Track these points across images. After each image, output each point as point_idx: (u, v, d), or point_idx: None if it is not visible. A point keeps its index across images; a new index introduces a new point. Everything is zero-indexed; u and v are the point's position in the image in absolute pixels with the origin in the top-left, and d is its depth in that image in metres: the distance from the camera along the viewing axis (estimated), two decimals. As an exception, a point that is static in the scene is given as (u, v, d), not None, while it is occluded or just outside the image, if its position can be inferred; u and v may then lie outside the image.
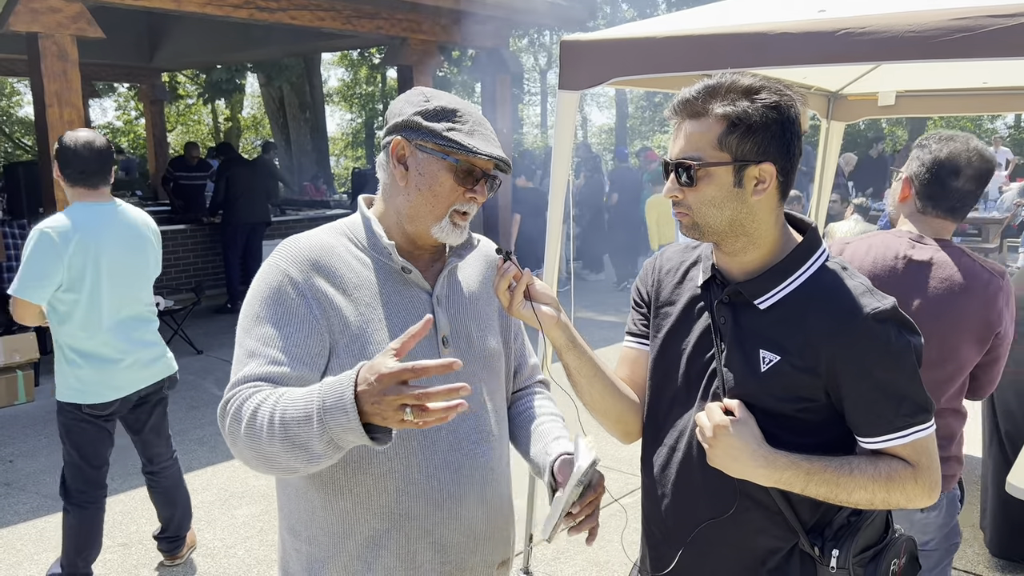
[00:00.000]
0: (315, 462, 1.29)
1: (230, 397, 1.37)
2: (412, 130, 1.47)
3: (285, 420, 1.27)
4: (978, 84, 4.61)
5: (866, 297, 1.35)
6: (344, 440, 1.24)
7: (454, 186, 1.47)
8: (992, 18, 2.19)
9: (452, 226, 1.49)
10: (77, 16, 6.34)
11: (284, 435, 1.27)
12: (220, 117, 26.10)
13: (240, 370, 1.41)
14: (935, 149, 2.12)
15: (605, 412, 1.57)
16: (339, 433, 1.22)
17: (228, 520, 4.11)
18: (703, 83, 1.37)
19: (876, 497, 1.35)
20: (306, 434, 1.25)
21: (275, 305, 1.43)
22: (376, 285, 1.49)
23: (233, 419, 1.35)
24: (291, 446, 1.27)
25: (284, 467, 1.31)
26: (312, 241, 1.50)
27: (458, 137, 1.44)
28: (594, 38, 2.95)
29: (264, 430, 1.29)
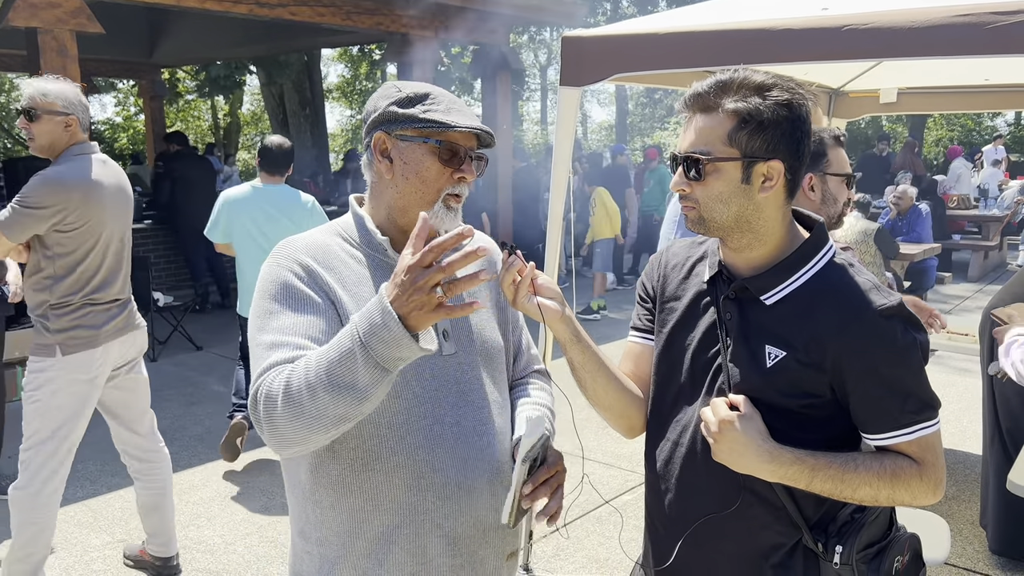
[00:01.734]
0: (364, 398, 1.23)
1: (258, 385, 1.32)
2: (390, 122, 1.47)
3: (323, 367, 1.23)
4: (980, 81, 4.60)
5: (872, 294, 1.35)
6: (391, 358, 1.20)
7: (441, 168, 1.46)
8: (996, 15, 2.18)
9: (446, 210, 1.48)
10: (76, 11, 6.33)
11: (327, 382, 1.22)
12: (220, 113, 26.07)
13: (264, 363, 1.34)
14: None
15: (609, 407, 1.57)
16: (384, 351, 1.19)
17: (228, 517, 4.11)
18: (715, 78, 1.36)
19: (881, 494, 1.35)
20: (350, 370, 1.21)
21: (287, 297, 1.41)
22: (374, 282, 1.48)
23: (267, 402, 1.29)
24: (335, 390, 1.22)
25: (334, 419, 1.25)
26: (308, 241, 1.50)
27: (435, 116, 1.44)
28: (596, 34, 2.94)
29: (304, 391, 1.24)
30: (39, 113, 2.94)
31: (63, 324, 3.01)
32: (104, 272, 3.08)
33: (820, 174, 2.25)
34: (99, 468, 4.71)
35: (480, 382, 1.55)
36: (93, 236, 3.02)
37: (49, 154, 3.03)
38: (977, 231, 12.08)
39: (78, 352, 3.04)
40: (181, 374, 6.65)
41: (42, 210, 2.88)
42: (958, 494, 4.23)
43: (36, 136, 2.97)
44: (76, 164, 2.99)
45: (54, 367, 3.03)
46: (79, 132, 3.04)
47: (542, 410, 1.64)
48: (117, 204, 3.09)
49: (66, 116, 2.98)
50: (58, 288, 2.99)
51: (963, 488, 4.31)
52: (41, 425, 3.03)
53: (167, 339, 7.35)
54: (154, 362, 6.99)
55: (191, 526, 4.00)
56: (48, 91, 2.96)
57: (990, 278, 11.04)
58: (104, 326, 3.10)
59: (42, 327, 3.03)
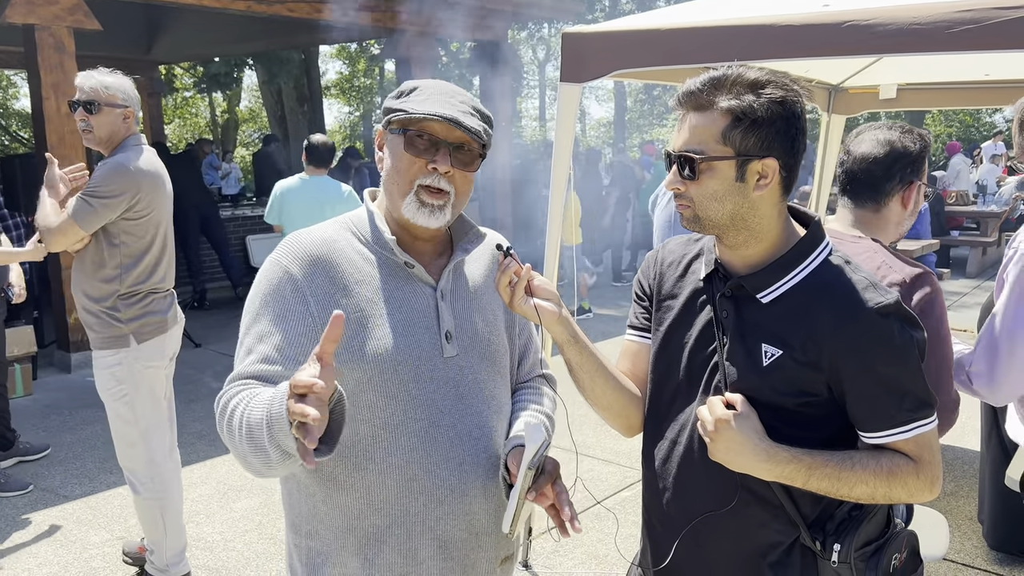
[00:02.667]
0: (271, 467, 1.29)
1: (221, 394, 1.41)
2: (385, 116, 1.49)
3: (249, 423, 1.29)
4: (980, 76, 4.59)
5: (869, 291, 1.34)
6: (289, 448, 1.23)
7: (411, 159, 1.43)
8: (998, 10, 2.18)
9: (419, 204, 1.44)
10: (74, 8, 6.31)
11: (249, 437, 1.29)
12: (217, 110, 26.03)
13: (237, 366, 1.44)
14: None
15: (607, 407, 1.57)
16: (284, 440, 1.22)
17: (226, 514, 4.10)
18: (708, 75, 1.36)
19: (877, 492, 1.35)
20: (260, 438, 1.27)
21: (272, 303, 1.44)
22: (379, 281, 1.48)
23: (220, 415, 1.39)
24: (253, 447, 1.29)
25: (253, 468, 1.32)
26: (315, 236, 1.49)
27: (405, 104, 1.43)
28: (596, 30, 2.93)
29: (236, 430, 1.32)
30: (101, 105, 3.00)
31: (135, 312, 3.09)
32: (165, 261, 3.20)
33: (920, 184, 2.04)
34: (97, 466, 4.71)
35: (480, 385, 1.54)
36: (156, 224, 3.12)
37: (107, 146, 3.09)
38: (975, 227, 12.08)
39: (152, 339, 3.13)
40: (180, 371, 6.60)
41: (115, 198, 2.95)
42: (956, 490, 4.24)
43: (96, 128, 3.03)
44: (140, 153, 3.07)
45: (130, 357, 3.10)
46: (134, 124, 3.13)
47: (540, 417, 1.63)
48: (169, 195, 3.20)
49: (125, 108, 3.06)
50: (128, 277, 3.06)
51: (961, 484, 4.31)
52: (139, 414, 3.14)
53: (165, 336, 7.33)
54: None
55: (190, 523, 4.00)
56: (109, 84, 3.03)
57: (988, 274, 11.04)
58: (168, 312, 3.21)
59: (111, 319, 3.07)
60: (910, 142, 2.00)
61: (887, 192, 2.00)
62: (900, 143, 1.99)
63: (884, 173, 1.99)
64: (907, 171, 2.00)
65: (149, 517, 3.26)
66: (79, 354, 6.64)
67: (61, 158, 6.39)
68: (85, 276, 3.07)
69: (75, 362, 6.60)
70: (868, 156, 2.00)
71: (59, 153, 6.37)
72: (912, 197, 2.03)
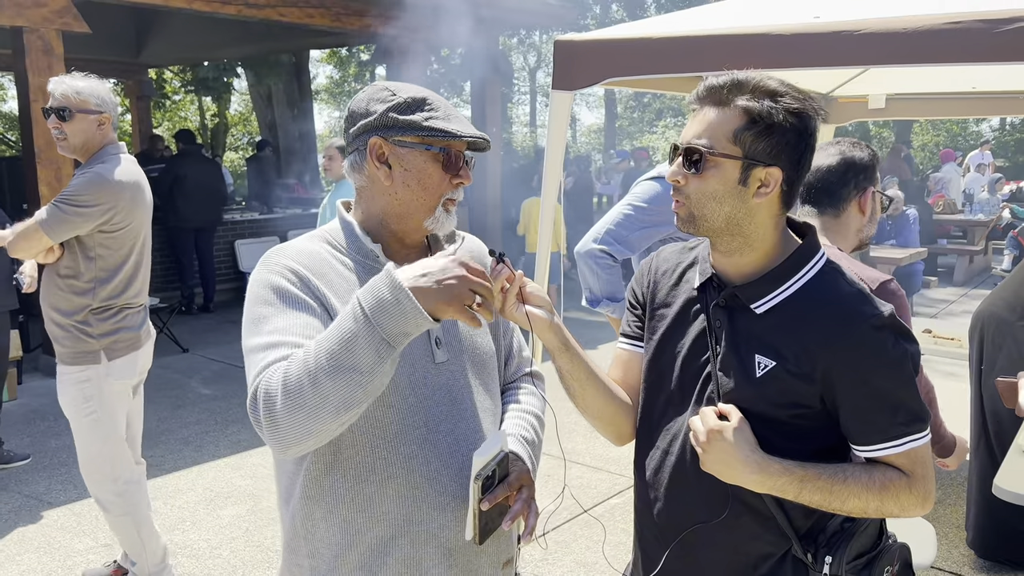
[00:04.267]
0: (369, 379, 1.21)
1: (256, 385, 1.27)
2: (388, 128, 1.43)
3: (323, 353, 1.21)
4: (967, 87, 4.64)
5: (863, 304, 1.34)
6: (398, 333, 1.21)
7: (442, 175, 1.45)
8: (984, 23, 2.20)
9: (446, 214, 1.49)
10: (63, 11, 6.27)
11: (328, 367, 1.20)
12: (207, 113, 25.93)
13: (259, 364, 1.30)
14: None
15: (598, 415, 1.56)
16: (392, 326, 1.20)
17: (213, 521, 4.07)
18: (731, 74, 1.35)
19: (869, 506, 1.34)
20: (352, 351, 1.20)
21: (280, 300, 1.38)
22: None
23: (266, 400, 1.24)
24: (338, 374, 1.20)
25: (337, 406, 1.22)
26: (297, 248, 1.48)
27: (439, 124, 1.43)
28: (588, 38, 2.94)
29: (304, 380, 1.21)
30: (73, 112, 2.87)
31: (107, 328, 2.97)
32: (141, 275, 3.08)
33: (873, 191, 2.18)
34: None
35: (471, 389, 1.54)
36: (134, 237, 3.00)
37: (82, 154, 2.96)
38: (962, 236, 12.17)
39: (123, 355, 3.02)
40: (167, 376, 6.60)
41: (91, 208, 2.83)
42: (944, 498, 4.25)
43: (69, 136, 2.89)
44: (120, 163, 2.95)
45: (100, 373, 2.99)
46: (111, 131, 3.00)
47: (523, 419, 1.62)
48: (149, 205, 3.08)
49: (100, 115, 2.93)
50: (101, 291, 2.95)
51: (949, 492, 4.33)
52: (104, 433, 3.03)
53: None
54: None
55: (176, 530, 3.96)
56: (81, 89, 2.90)
57: (975, 282, 11.12)
58: (141, 327, 3.11)
59: (82, 333, 2.95)
60: (859, 152, 2.17)
61: (844, 198, 2.16)
62: (850, 153, 2.16)
63: (839, 180, 2.15)
64: (860, 178, 2.17)
65: (124, 532, 3.19)
66: (65, 359, 6.57)
67: (48, 162, 6.36)
68: (56, 289, 2.95)
69: (61, 367, 6.54)
70: (822, 167, 2.15)
71: (47, 157, 6.33)
72: (868, 203, 2.19)
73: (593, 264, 2.90)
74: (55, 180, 6.42)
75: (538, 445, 1.63)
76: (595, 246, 2.89)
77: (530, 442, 1.59)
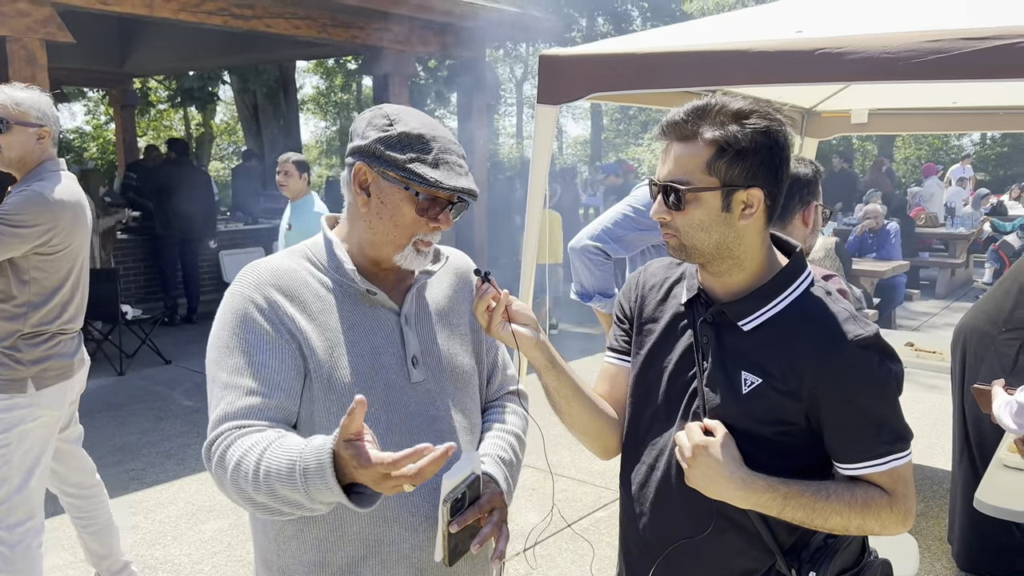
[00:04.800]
0: (307, 511, 1.27)
1: (213, 440, 1.34)
2: (375, 157, 1.42)
3: (270, 478, 1.25)
4: (948, 103, 4.69)
5: (849, 323, 1.35)
6: (330, 502, 1.22)
7: (416, 217, 1.43)
8: (964, 41, 2.22)
9: (415, 253, 1.46)
10: (46, 20, 6.24)
11: (270, 492, 1.25)
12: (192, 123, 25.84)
13: (217, 406, 1.37)
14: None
15: (585, 430, 1.56)
16: (325, 497, 1.21)
17: (195, 535, 4.03)
18: (692, 105, 1.35)
19: (851, 523, 1.35)
20: (293, 494, 1.23)
21: (243, 332, 1.39)
22: (341, 309, 1.46)
23: (218, 465, 1.33)
24: (280, 502, 1.26)
25: (279, 514, 1.29)
26: (273, 265, 1.47)
27: (421, 170, 1.39)
28: (573, 53, 2.95)
29: (250, 483, 1.27)
30: (10, 124, 2.72)
31: (38, 355, 2.78)
32: (77, 299, 2.90)
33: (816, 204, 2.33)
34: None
35: (449, 409, 1.53)
36: (72, 259, 2.82)
37: (19, 169, 2.79)
38: (944, 249, 12.29)
39: (53, 384, 2.82)
40: (149, 388, 6.55)
41: (28, 229, 2.65)
42: (926, 510, 4.27)
43: (5, 148, 2.72)
44: (60, 181, 2.78)
45: (24, 404, 2.77)
46: (51, 146, 2.84)
47: (502, 439, 1.61)
48: (88, 226, 2.90)
49: (39, 128, 2.77)
50: (34, 316, 2.76)
51: (931, 504, 4.35)
52: (11, 472, 2.78)
53: (135, 352, 7.23)
54: (121, 376, 6.87)
55: (157, 544, 3.92)
56: (21, 100, 2.75)
57: (956, 295, 11.22)
58: (75, 355, 2.92)
59: (9, 360, 2.74)
60: (803, 168, 2.30)
61: (790, 211, 2.30)
62: (794, 169, 2.24)
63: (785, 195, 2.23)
64: (804, 192, 2.31)
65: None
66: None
67: (31, 171, 6.31)
68: None
69: (41, 378, 6.47)
70: None
71: (29, 166, 6.28)
72: (811, 216, 2.35)
73: (587, 260, 3.00)
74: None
75: (516, 465, 1.61)
76: (590, 243, 3.00)
77: (507, 463, 1.57)
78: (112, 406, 6.07)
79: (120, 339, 6.95)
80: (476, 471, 1.41)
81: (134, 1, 6.77)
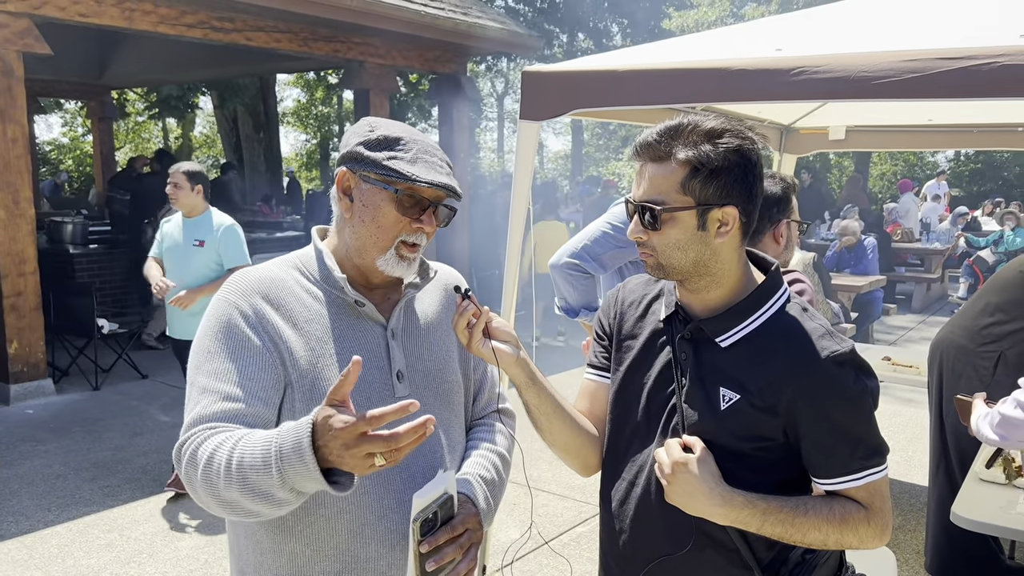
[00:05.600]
0: (279, 507, 1.25)
1: (185, 440, 1.33)
2: (356, 161, 1.44)
3: (243, 468, 1.23)
4: (924, 120, 4.76)
5: (825, 340, 1.36)
6: (306, 487, 1.21)
7: (398, 217, 1.43)
8: (939, 60, 2.26)
9: (398, 259, 1.45)
10: (24, 32, 6.19)
11: (242, 483, 1.23)
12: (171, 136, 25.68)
13: (193, 409, 1.36)
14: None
15: (565, 447, 1.56)
16: (299, 481, 1.19)
17: (171, 552, 3.97)
18: (665, 125, 1.37)
19: (830, 538, 1.36)
20: (266, 482, 1.21)
21: (226, 339, 1.39)
22: (328, 319, 1.45)
23: (189, 464, 1.31)
24: (251, 494, 1.23)
25: (246, 512, 1.27)
26: (261, 274, 1.47)
27: (398, 165, 1.41)
28: (555, 69, 2.97)
29: (221, 477, 1.25)
30: None
31: None
32: None
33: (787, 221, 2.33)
34: (34, 503, 4.53)
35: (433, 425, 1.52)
36: None
37: None
38: (920, 264, 12.45)
39: None
40: (125, 403, 6.46)
41: None
42: (904, 524, 4.30)
43: None
44: None
45: None
46: None
47: (485, 458, 1.59)
48: None
49: None
50: None
51: (908, 517, 4.38)
52: None
53: (111, 367, 7.13)
54: (97, 391, 6.78)
55: (132, 563, 3.86)
56: None
57: (932, 309, 11.36)
58: None
59: None
60: (772, 186, 2.30)
61: (759, 231, 2.31)
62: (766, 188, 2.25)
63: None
64: (773, 211, 2.31)
65: None
66: (18, 386, 6.41)
67: (6, 185, 6.23)
68: None
69: (14, 394, 6.37)
70: None
71: (4, 180, 6.21)
72: (783, 233, 2.35)
73: (569, 276, 3.03)
74: (12, 203, 6.29)
75: (498, 485, 1.59)
76: (570, 260, 3.02)
77: (489, 482, 1.55)
78: (88, 421, 5.98)
79: (96, 353, 6.86)
80: (450, 491, 1.40)
81: (113, 13, 6.73)
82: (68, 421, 5.96)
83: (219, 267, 4.54)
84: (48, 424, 5.92)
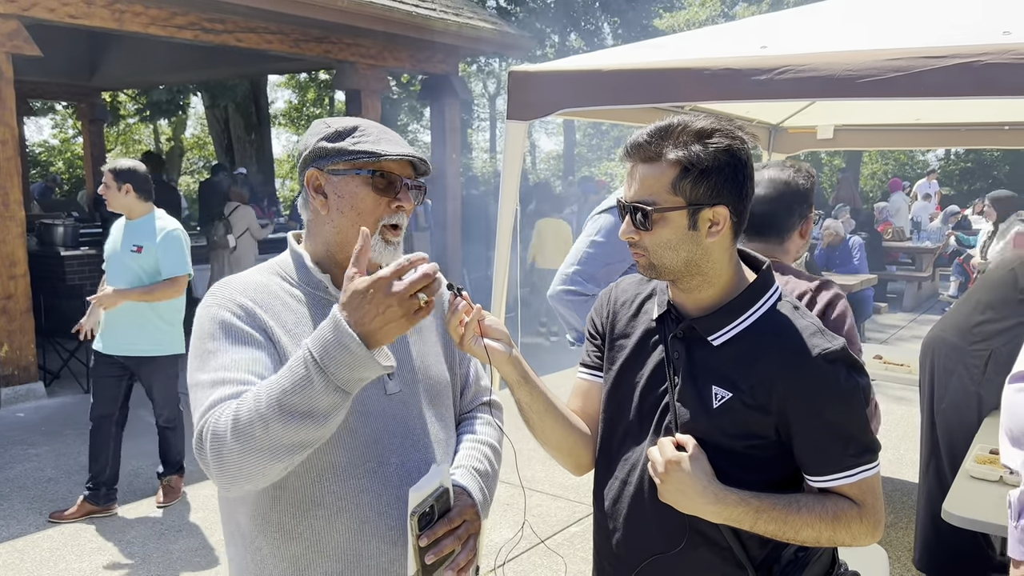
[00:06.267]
0: (326, 422, 1.21)
1: (203, 424, 1.27)
2: (321, 157, 1.45)
3: (274, 397, 1.20)
4: (912, 120, 4.78)
5: (816, 337, 1.37)
6: (352, 380, 1.20)
7: (376, 198, 1.44)
8: (925, 59, 2.27)
9: (384, 244, 1.45)
10: (13, 34, 6.17)
11: (279, 412, 1.19)
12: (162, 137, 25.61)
13: (205, 401, 1.29)
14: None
15: (557, 446, 1.56)
16: (345, 374, 1.18)
17: (163, 556, 3.96)
18: (655, 125, 1.37)
19: (822, 535, 1.36)
20: (306, 397, 1.18)
21: (226, 335, 1.37)
22: (313, 320, 1.45)
23: (213, 440, 1.24)
24: (290, 419, 1.19)
25: (290, 448, 1.22)
26: (245, 280, 1.46)
27: (364, 146, 1.43)
28: (542, 69, 2.97)
29: (255, 422, 1.20)
30: None
31: None
32: None
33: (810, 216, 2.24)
34: (26, 507, 4.51)
35: (424, 420, 1.52)
36: None
37: None
38: (911, 262, 12.50)
39: None
40: (116, 406, 6.42)
41: None
42: (895, 521, 4.32)
43: None
44: None
45: None
46: None
47: (477, 450, 1.60)
48: None
49: None
50: None
51: (900, 515, 4.40)
52: None
53: (102, 370, 7.10)
54: (88, 394, 6.74)
55: (124, 566, 3.84)
56: None
57: (923, 308, 11.40)
58: None
59: None
60: (803, 180, 2.20)
61: (790, 228, 2.21)
62: (795, 182, 2.18)
63: (786, 211, 2.18)
64: (804, 207, 2.22)
65: None
66: (9, 389, 6.39)
67: (-5, 186, 6.21)
68: None
69: (5, 397, 6.35)
70: (767, 198, 2.16)
71: (-7, 181, 6.19)
72: (809, 228, 2.27)
73: (570, 303, 2.93)
74: (2, 205, 6.27)
75: (492, 476, 1.61)
76: (565, 287, 2.93)
77: (483, 473, 1.57)
78: (79, 424, 5.95)
79: (87, 356, 6.83)
80: (445, 484, 1.41)
81: (103, 15, 6.71)
82: (59, 424, 5.94)
83: (157, 276, 4.04)
84: (39, 427, 5.90)
